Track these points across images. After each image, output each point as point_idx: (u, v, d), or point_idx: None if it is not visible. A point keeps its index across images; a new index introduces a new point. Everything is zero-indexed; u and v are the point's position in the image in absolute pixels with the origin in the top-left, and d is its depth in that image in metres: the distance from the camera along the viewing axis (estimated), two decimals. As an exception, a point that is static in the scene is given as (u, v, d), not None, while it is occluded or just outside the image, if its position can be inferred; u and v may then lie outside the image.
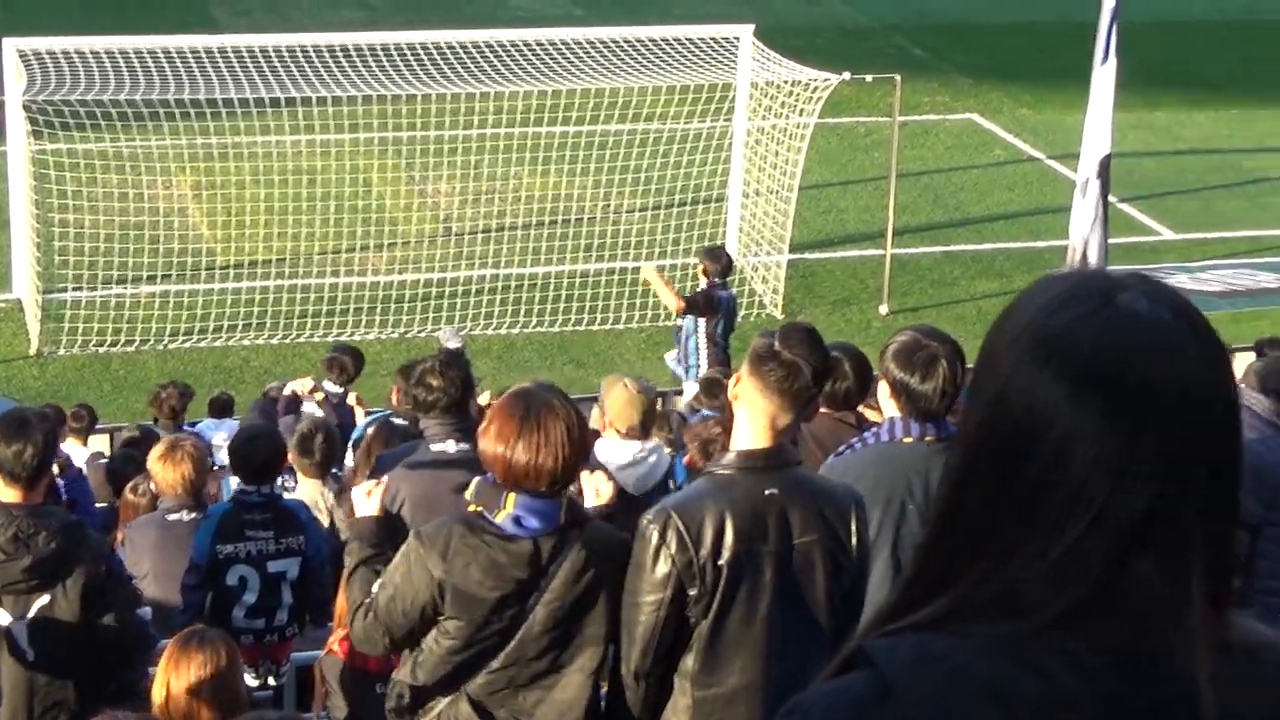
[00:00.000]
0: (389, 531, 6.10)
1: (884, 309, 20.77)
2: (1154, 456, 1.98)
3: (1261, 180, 25.85)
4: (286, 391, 14.28)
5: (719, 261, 16.92)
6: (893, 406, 6.20)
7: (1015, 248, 22.54)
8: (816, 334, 5.51)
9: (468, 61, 21.07)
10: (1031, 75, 30.05)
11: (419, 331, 19.86)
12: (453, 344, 14.81)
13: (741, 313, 19.51)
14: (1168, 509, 1.99)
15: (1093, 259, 13.67)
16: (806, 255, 22.10)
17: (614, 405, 8.31)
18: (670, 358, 17.53)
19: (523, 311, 20.44)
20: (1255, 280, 22.12)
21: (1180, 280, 21.77)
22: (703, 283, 16.82)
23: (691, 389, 15.56)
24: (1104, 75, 13.71)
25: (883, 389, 6.35)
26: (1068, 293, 2.05)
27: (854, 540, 5.49)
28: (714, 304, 16.40)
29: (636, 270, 20.02)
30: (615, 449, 8.15)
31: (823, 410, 7.90)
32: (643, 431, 8.43)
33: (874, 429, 6.52)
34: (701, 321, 16.40)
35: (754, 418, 5.36)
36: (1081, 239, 13.75)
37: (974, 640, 2.00)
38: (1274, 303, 21.41)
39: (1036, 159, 26.25)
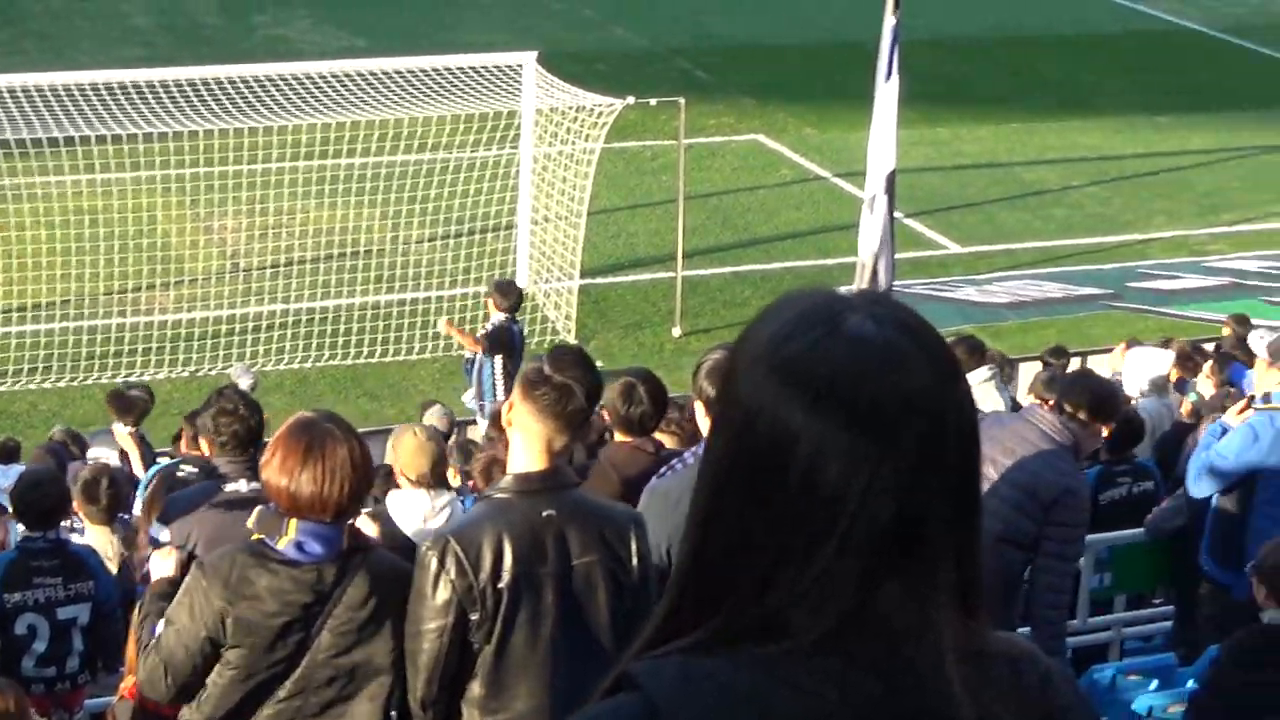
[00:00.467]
0: None
1: (677, 331, 20.84)
2: (897, 472, 2.02)
3: (1042, 192, 26.35)
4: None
5: (508, 296, 16.93)
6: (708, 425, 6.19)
7: (804, 266, 22.73)
8: (586, 355, 5.57)
9: (249, 96, 20.86)
10: (814, 95, 30.37)
11: (209, 369, 19.59)
12: (244, 381, 14.63)
13: (535, 340, 19.51)
14: (915, 523, 2.04)
15: (882, 275, 13.84)
16: (598, 280, 22.13)
17: (403, 454, 8.23)
18: (468, 397, 17.55)
19: (314, 345, 20.24)
20: (1041, 290, 22.52)
21: (967, 293, 22.14)
22: (494, 316, 16.82)
23: (484, 424, 15.59)
24: (887, 93, 13.89)
25: (698, 408, 6.35)
26: (798, 318, 2.09)
27: (634, 560, 5.51)
28: (509, 340, 16.48)
29: (427, 300, 19.97)
30: (409, 503, 8.05)
31: (620, 438, 7.89)
32: (433, 478, 8.35)
33: (694, 449, 6.53)
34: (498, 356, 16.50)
35: (529, 441, 5.38)
36: (871, 255, 13.89)
37: (738, 660, 2.03)
38: (1060, 312, 21.82)
39: (822, 178, 26.52)
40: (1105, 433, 8.54)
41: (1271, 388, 9.61)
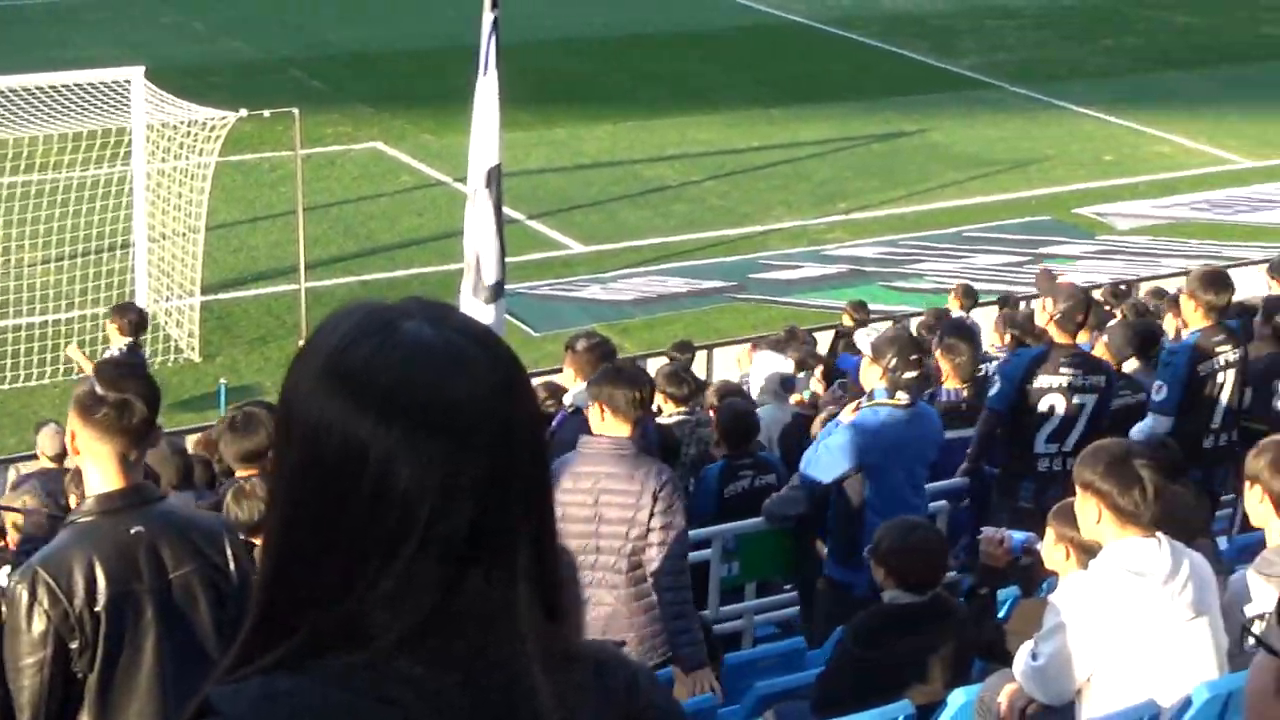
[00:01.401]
0: None
1: (303, 344, 20.52)
2: (467, 476, 2.03)
3: (662, 189, 26.67)
4: None
5: (125, 316, 16.49)
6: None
7: (429, 272, 22.65)
8: (136, 365, 5.57)
9: None
10: (430, 100, 30.29)
11: None
12: None
13: (159, 359, 19.08)
14: (490, 526, 2.05)
15: (490, 268, 13.79)
16: (220, 295, 21.74)
17: (43, 442, 8.03)
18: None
19: (-71, 375, 19.49)
20: (666, 286, 22.78)
21: (594, 291, 22.29)
22: (116, 342, 16.38)
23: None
24: (486, 87, 13.88)
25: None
26: (354, 328, 2.10)
27: (231, 565, 5.43)
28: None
29: (44, 325, 19.40)
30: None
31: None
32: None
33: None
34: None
35: (101, 462, 5.30)
36: (474, 251, 13.86)
37: (320, 674, 2.02)
38: (685, 306, 22.10)
39: (443, 182, 26.44)
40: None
41: (874, 384, 9.85)
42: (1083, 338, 12.25)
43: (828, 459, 9.68)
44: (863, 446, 9.60)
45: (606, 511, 8.05)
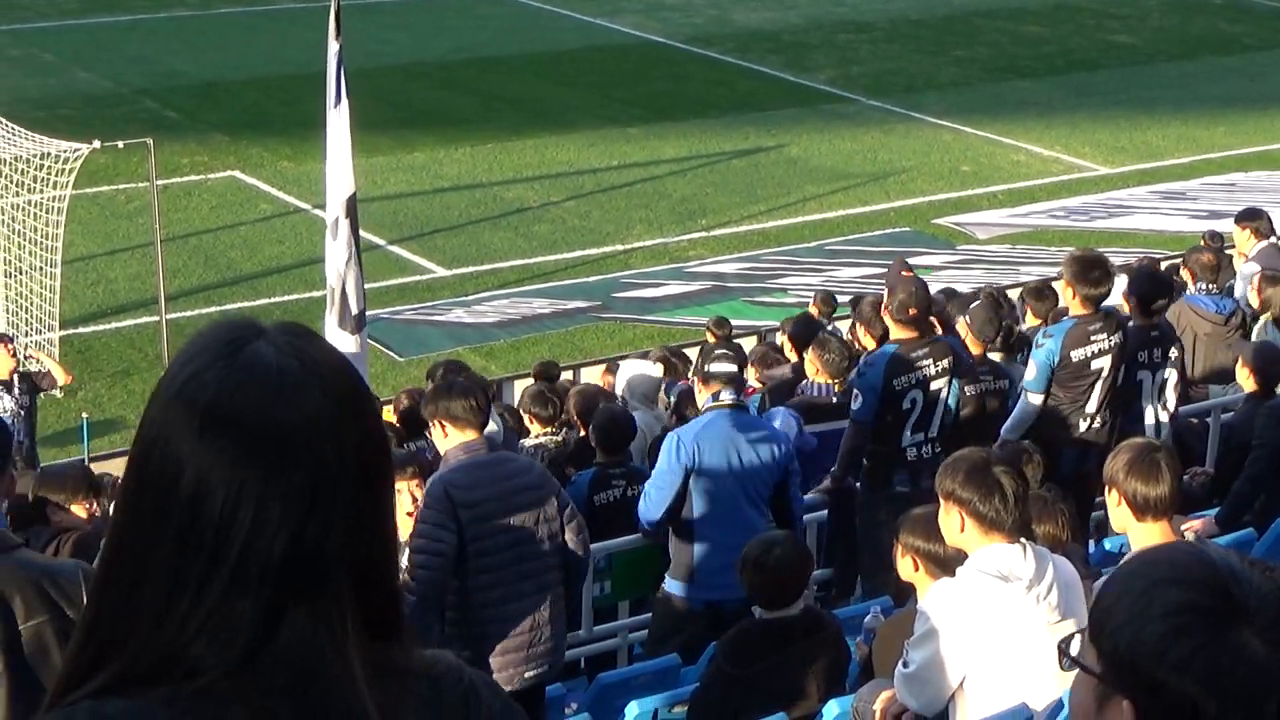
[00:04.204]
0: None
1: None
2: (286, 499, 2.02)
3: (522, 210, 26.63)
4: None
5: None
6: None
7: (292, 299, 22.48)
8: None
9: None
10: (286, 128, 30.10)
11: None
12: None
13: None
14: (310, 550, 2.03)
15: (352, 298, 13.75)
16: (80, 330, 21.47)
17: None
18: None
19: None
20: (530, 307, 22.74)
21: (458, 315, 22.23)
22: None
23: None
24: (338, 118, 13.82)
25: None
26: (201, 344, 2.09)
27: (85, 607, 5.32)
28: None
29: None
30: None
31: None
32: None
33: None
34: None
35: None
36: (339, 278, 13.80)
37: (150, 699, 2.00)
38: (549, 327, 22.07)
39: (303, 209, 26.26)
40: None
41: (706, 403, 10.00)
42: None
43: (656, 482, 9.79)
44: (688, 455, 9.67)
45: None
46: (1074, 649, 2.30)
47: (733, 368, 10.06)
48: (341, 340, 12.88)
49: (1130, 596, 2.17)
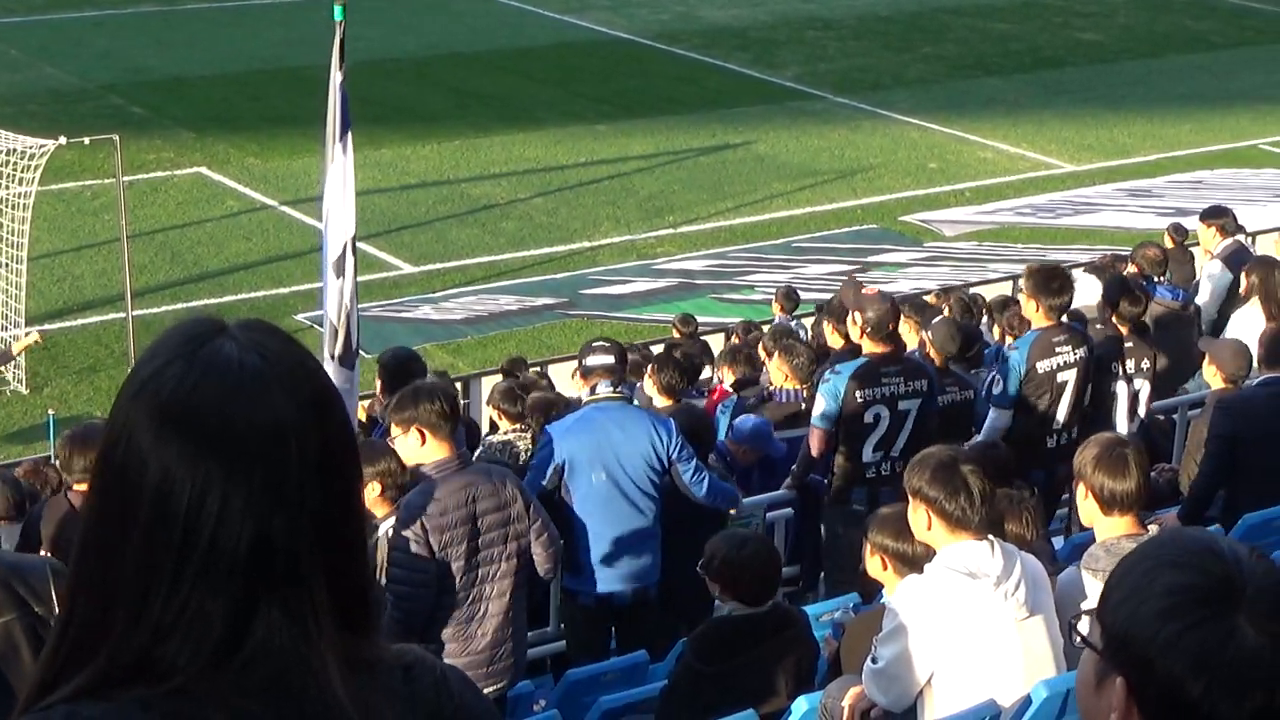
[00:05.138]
0: None
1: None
2: (250, 495, 2.02)
3: (489, 207, 26.61)
4: None
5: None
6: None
7: (259, 296, 22.43)
8: None
9: None
10: (253, 124, 30.06)
11: None
12: None
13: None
14: (278, 546, 2.04)
15: (353, 334, 13.51)
16: (46, 326, 21.35)
17: None
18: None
19: None
20: (497, 304, 22.72)
21: (425, 312, 22.20)
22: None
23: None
24: (342, 154, 13.32)
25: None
26: (163, 343, 2.10)
27: (58, 610, 5.29)
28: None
29: None
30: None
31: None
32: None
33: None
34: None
35: None
36: (340, 315, 13.45)
37: (128, 701, 2.01)
38: (516, 324, 22.06)
39: (270, 206, 26.21)
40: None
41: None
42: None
43: (533, 475, 9.81)
44: (558, 451, 9.73)
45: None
46: (1082, 626, 2.33)
47: (610, 359, 10.03)
48: (340, 375, 12.66)
49: (1134, 575, 2.20)
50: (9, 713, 5.17)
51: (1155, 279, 14.27)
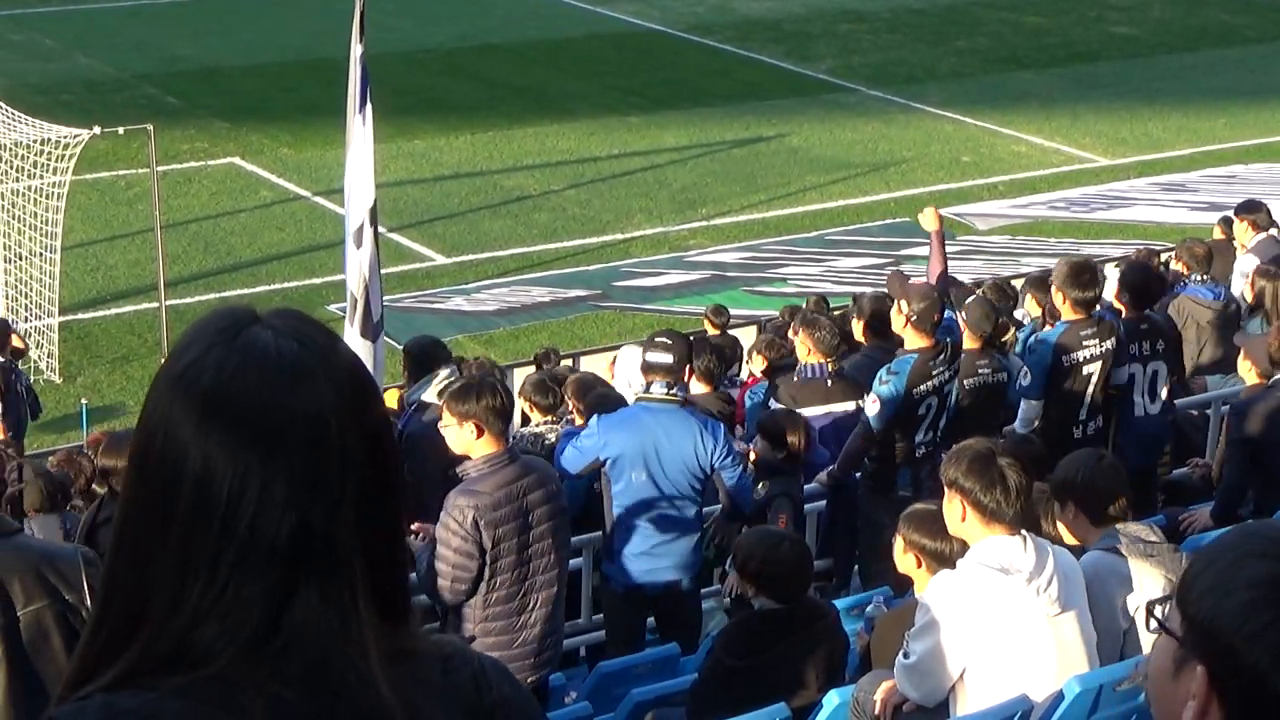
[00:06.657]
0: None
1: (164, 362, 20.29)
2: (291, 483, 2.03)
3: (523, 198, 26.62)
4: None
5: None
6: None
7: (291, 287, 22.49)
8: None
9: None
10: (286, 115, 30.12)
11: None
12: None
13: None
14: (317, 533, 2.04)
15: (374, 306, 13.55)
16: (80, 316, 21.47)
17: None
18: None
19: None
20: (529, 296, 22.73)
21: (458, 303, 22.22)
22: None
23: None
24: (361, 125, 13.37)
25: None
26: (199, 331, 2.10)
27: (89, 599, 5.29)
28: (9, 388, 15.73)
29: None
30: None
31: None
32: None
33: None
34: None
35: None
36: (361, 286, 13.50)
37: (164, 690, 2.00)
38: (549, 315, 22.06)
39: (303, 197, 26.27)
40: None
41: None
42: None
43: (573, 454, 9.81)
44: (601, 443, 9.72)
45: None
46: (1159, 611, 2.32)
47: (668, 359, 9.91)
48: (362, 348, 12.72)
49: (1218, 565, 2.19)
50: (33, 697, 5.21)
51: (1200, 277, 14.11)
